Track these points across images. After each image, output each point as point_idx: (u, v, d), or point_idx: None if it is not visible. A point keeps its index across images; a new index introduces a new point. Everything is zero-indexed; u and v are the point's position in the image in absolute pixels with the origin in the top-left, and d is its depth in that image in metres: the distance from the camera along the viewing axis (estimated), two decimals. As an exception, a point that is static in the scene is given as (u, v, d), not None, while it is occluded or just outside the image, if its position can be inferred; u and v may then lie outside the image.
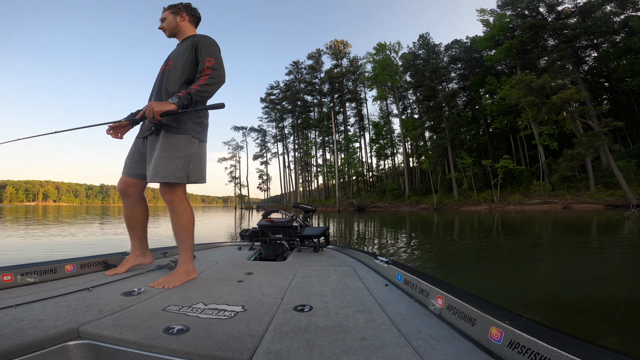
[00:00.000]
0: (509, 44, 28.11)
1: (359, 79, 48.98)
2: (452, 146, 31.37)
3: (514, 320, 0.77)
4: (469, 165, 28.34)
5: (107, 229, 9.81)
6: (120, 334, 0.90)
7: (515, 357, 0.72)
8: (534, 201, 22.12)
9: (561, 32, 27.58)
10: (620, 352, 0.58)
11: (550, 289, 3.12)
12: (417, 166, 39.19)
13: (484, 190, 27.89)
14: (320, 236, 2.59)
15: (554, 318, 2.27)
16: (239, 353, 0.80)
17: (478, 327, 0.87)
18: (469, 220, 13.81)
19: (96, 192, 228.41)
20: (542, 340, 0.66)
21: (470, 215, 17.24)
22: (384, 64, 37.00)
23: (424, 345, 0.85)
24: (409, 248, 5.95)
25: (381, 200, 37.07)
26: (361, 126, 50.49)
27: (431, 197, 31.04)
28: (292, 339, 0.90)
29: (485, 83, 31.09)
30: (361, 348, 0.83)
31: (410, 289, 1.35)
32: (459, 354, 0.80)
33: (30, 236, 7.49)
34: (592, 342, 0.63)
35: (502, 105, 28.13)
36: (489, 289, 3.16)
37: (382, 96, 40.20)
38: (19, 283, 1.45)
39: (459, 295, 1.01)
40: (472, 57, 35.11)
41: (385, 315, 1.10)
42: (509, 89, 26.00)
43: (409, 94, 42.30)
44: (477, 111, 35.29)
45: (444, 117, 32.98)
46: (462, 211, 23.43)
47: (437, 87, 34.95)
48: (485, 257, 5.07)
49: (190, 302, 1.21)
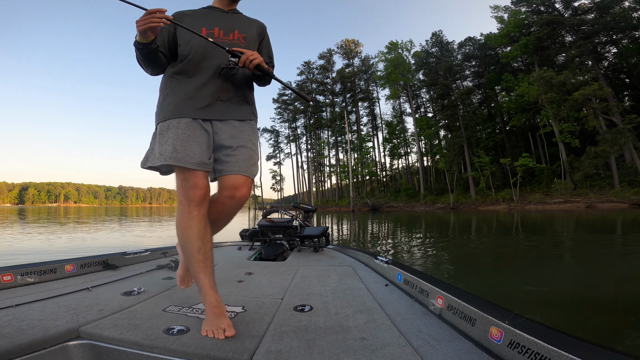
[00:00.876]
0: (526, 40, 27.61)
1: (371, 78, 48.80)
2: (469, 145, 30.97)
3: (514, 320, 0.77)
4: (487, 163, 27.93)
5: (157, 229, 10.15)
6: (120, 334, 0.90)
7: (515, 357, 0.72)
8: (555, 200, 21.65)
9: (579, 28, 26.92)
10: (621, 352, 0.58)
11: (577, 289, 3.06)
12: (432, 165, 38.81)
13: (503, 190, 27.44)
14: (320, 236, 2.58)
15: (578, 320, 2.22)
16: (239, 353, 0.80)
17: (478, 327, 0.87)
18: (487, 219, 13.66)
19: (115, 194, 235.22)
20: (542, 340, 0.67)
21: (489, 215, 17.02)
22: (396, 62, 36.82)
23: (424, 345, 0.85)
24: (426, 247, 5.91)
25: (395, 200, 36.86)
26: (374, 125, 50.32)
27: (447, 196, 30.73)
28: (292, 339, 0.90)
29: (502, 80, 30.55)
30: (361, 348, 0.84)
31: (410, 289, 1.35)
32: (459, 354, 0.80)
33: (100, 237, 7.75)
34: (592, 342, 0.63)
35: (520, 103, 27.63)
36: (511, 288, 3.08)
37: (395, 95, 39.94)
38: (19, 283, 1.45)
39: (459, 295, 1.01)
40: (486, 54, 34.57)
41: (385, 315, 1.10)
42: (527, 86, 25.53)
43: (422, 92, 41.94)
44: (493, 109, 34.73)
45: (459, 115, 32.61)
46: (480, 211, 23.16)
47: (451, 85, 34.60)
48: (507, 256, 5.02)
49: (190, 302, 1.21)
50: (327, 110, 53.84)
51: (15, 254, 4.92)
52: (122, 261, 1.97)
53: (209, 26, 1.19)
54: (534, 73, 26.01)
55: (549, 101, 23.26)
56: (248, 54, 1.08)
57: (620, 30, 25.84)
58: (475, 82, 36.64)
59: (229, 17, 1.26)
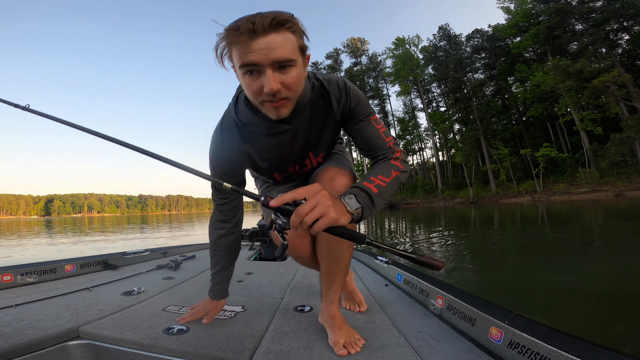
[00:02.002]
0: (536, 30, 27.30)
1: (380, 75, 48.66)
2: (485, 137, 30.69)
3: (514, 320, 0.77)
4: (506, 155, 27.64)
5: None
6: (120, 334, 0.90)
7: (515, 357, 0.72)
8: (581, 190, 21.34)
9: (589, 16, 26.34)
10: (620, 352, 0.58)
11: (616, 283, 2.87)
12: (448, 160, 38.51)
13: (524, 181, 27.11)
14: None
15: (615, 313, 2.15)
16: (239, 353, 0.79)
17: (478, 327, 0.87)
18: (511, 212, 13.51)
19: (135, 202, 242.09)
20: (542, 340, 0.67)
21: (512, 208, 16.84)
22: (404, 58, 36.75)
23: (424, 345, 0.85)
24: (455, 242, 5.73)
25: (412, 196, 36.73)
26: (386, 122, 50.23)
27: (466, 190, 30.53)
28: (292, 339, 0.89)
29: (515, 71, 30.14)
30: (361, 348, 0.83)
31: (410, 289, 1.35)
32: (459, 354, 0.80)
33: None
34: (592, 342, 0.63)
35: (537, 92, 27.20)
36: (549, 282, 2.92)
37: (406, 91, 39.82)
38: (19, 283, 1.45)
39: (459, 295, 1.01)
40: (496, 45, 34.18)
41: (385, 315, 1.09)
42: (543, 76, 25.15)
43: (433, 87, 41.64)
44: (507, 100, 34.23)
45: (474, 107, 32.30)
46: (502, 204, 22.98)
47: (462, 78, 34.28)
48: (536, 248, 4.88)
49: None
50: (337, 110, 54.02)
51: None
52: (122, 261, 1.97)
53: (281, 166, 0.95)
54: (548, 62, 25.59)
55: (566, 90, 22.86)
56: (305, 209, 0.60)
57: (631, 17, 25.16)
58: (487, 74, 36.19)
59: (291, 139, 0.86)
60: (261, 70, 0.65)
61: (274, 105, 0.69)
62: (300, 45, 0.68)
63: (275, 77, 0.65)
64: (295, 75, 0.68)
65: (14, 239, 10.50)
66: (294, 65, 0.67)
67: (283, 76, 0.66)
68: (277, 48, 0.63)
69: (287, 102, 0.70)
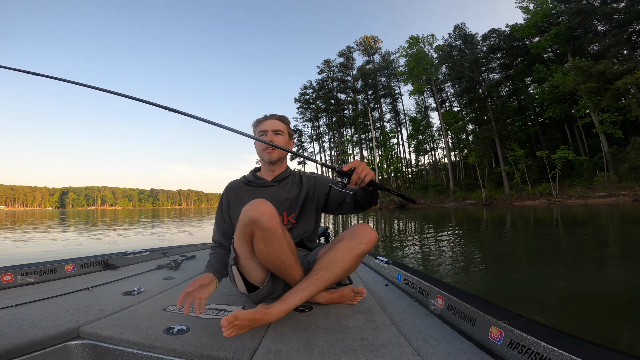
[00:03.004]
0: (556, 30, 26.69)
1: (393, 74, 48.31)
2: (500, 138, 30.24)
3: (514, 320, 0.77)
4: (521, 157, 27.22)
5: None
6: (120, 334, 0.90)
7: (516, 357, 0.72)
8: (598, 194, 20.91)
9: (611, 17, 25.64)
10: (621, 352, 0.58)
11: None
12: (460, 160, 38.13)
13: (539, 184, 26.66)
14: (320, 236, 2.59)
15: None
16: (239, 353, 0.79)
17: (478, 327, 0.87)
18: (525, 215, 13.32)
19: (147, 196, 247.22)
20: (542, 340, 0.66)
21: (526, 211, 16.59)
22: (418, 57, 36.41)
23: (424, 345, 0.85)
24: (464, 244, 5.59)
25: (423, 196, 36.50)
26: (398, 122, 49.88)
27: (478, 192, 30.22)
28: (292, 339, 0.89)
29: (534, 71, 29.60)
30: (361, 348, 0.83)
31: (410, 289, 1.36)
32: (459, 354, 0.80)
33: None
34: (592, 342, 0.62)
35: (555, 94, 26.67)
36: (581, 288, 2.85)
37: (419, 90, 39.44)
38: (19, 283, 1.46)
39: (459, 295, 1.01)
40: (513, 45, 33.54)
41: (385, 315, 1.10)
42: (562, 77, 24.65)
43: (447, 86, 41.17)
44: (524, 101, 33.65)
45: (489, 108, 31.86)
46: (516, 206, 22.65)
47: (478, 78, 33.83)
48: (552, 251, 4.75)
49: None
50: (349, 108, 53.84)
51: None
52: (122, 261, 1.98)
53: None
54: (568, 63, 25.06)
55: (587, 91, 22.37)
56: (359, 171, 1.04)
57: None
58: (503, 74, 35.63)
59: (274, 193, 1.34)
60: (266, 133, 1.36)
61: (268, 151, 1.35)
62: (288, 131, 1.42)
63: (272, 136, 1.36)
64: (282, 140, 1.38)
65: (30, 232, 10.59)
66: (282, 135, 1.38)
67: (275, 137, 1.36)
68: (275, 124, 1.38)
69: (275, 151, 1.35)
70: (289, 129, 1.41)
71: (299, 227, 1.33)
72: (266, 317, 0.95)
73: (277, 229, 1.00)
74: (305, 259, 1.25)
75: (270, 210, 1.00)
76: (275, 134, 1.36)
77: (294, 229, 1.32)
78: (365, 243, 1.08)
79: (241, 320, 0.87)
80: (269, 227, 0.99)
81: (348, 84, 53.24)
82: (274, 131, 1.35)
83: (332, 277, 1.08)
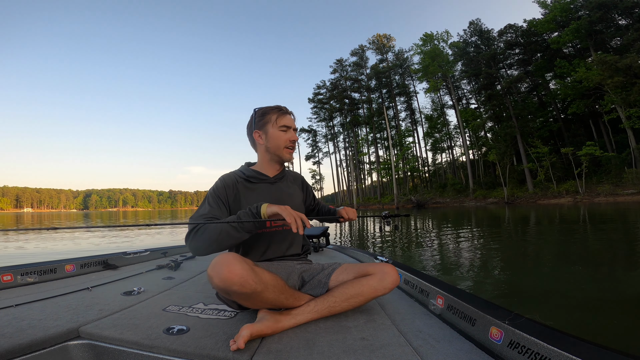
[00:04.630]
0: (576, 25, 26.05)
1: (407, 72, 47.92)
2: (522, 135, 29.68)
3: (514, 320, 0.77)
4: (545, 154, 26.59)
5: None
6: (120, 334, 0.90)
7: (516, 357, 0.72)
8: (628, 191, 20.33)
9: (632, 10, 24.89)
10: (621, 352, 0.58)
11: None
12: (480, 158, 37.58)
13: (565, 181, 26.09)
14: (320, 236, 2.58)
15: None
16: (239, 353, 0.79)
17: (478, 327, 0.87)
18: (550, 213, 12.93)
19: (166, 198, 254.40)
20: (542, 340, 0.66)
21: (551, 209, 16.19)
22: (433, 54, 36.11)
23: (424, 345, 0.85)
24: (489, 246, 5.34)
25: (442, 195, 36.14)
26: (413, 120, 49.51)
27: (499, 190, 29.79)
28: (292, 338, 0.89)
29: (555, 66, 28.93)
30: (361, 348, 0.83)
31: (410, 289, 1.36)
32: (459, 354, 0.80)
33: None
34: (592, 342, 0.62)
35: (579, 89, 26.02)
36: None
37: (435, 88, 39.03)
38: (19, 283, 1.45)
39: (459, 295, 1.01)
40: (531, 41, 32.83)
41: (385, 315, 1.09)
42: (586, 71, 24.05)
43: (463, 83, 40.62)
44: (545, 97, 32.90)
45: (510, 104, 31.33)
46: (540, 205, 22.21)
47: (496, 74, 33.32)
48: (584, 252, 4.50)
49: (190, 302, 1.21)
50: (363, 107, 53.73)
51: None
52: (122, 261, 1.97)
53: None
54: (591, 58, 24.45)
55: (614, 86, 21.78)
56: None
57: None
58: (522, 70, 34.92)
59: (275, 190, 1.29)
60: (288, 130, 1.25)
61: (291, 150, 1.29)
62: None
63: (295, 135, 1.27)
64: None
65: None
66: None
67: (296, 136, 1.29)
68: (295, 123, 1.29)
69: (293, 151, 1.31)
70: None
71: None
72: (275, 331, 0.93)
73: (254, 289, 0.88)
74: (315, 277, 1.18)
75: (240, 273, 0.85)
76: (297, 133, 1.28)
77: (291, 229, 1.21)
78: (389, 288, 1.08)
79: (253, 337, 0.86)
80: (244, 292, 0.87)
81: (362, 82, 53.12)
82: (296, 130, 1.28)
83: (349, 308, 1.08)
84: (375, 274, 1.09)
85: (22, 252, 5.55)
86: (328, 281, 1.13)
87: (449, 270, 3.63)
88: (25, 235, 8.63)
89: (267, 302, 0.95)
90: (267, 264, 1.18)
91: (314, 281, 1.17)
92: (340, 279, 1.13)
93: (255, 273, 0.89)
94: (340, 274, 1.15)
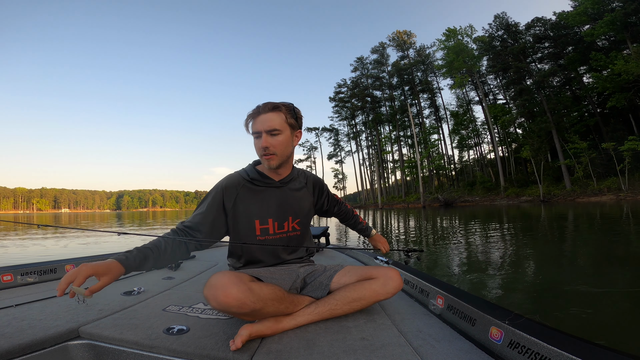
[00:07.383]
0: (611, 17, 25.04)
1: (430, 68, 47.19)
2: (558, 130, 28.83)
3: (514, 320, 0.77)
4: (584, 149, 25.69)
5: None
6: (120, 334, 0.90)
7: (516, 357, 0.72)
8: (676, 188, 19.43)
9: None
10: (621, 352, 0.58)
11: None
12: (510, 155, 36.71)
13: (605, 178, 25.15)
14: (320, 236, 2.57)
15: None
16: (239, 353, 0.80)
17: (478, 327, 0.87)
18: (590, 212, 12.21)
19: (192, 198, 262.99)
20: (542, 340, 0.67)
21: (591, 207, 15.48)
22: (457, 49, 35.60)
23: (424, 345, 0.85)
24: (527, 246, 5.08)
25: (470, 193, 35.58)
26: (438, 117, 48.77)
27: (533, 188, 29.10)
28: (292, 338, 0.90)
29: (590, 59, 27.89)
30: (361, 348, 0.83)
31: (410, 289, 1.35)
32: (459, 354, 0.80)
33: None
34: (592, 342, 0.62)
35: (617, 82, 25.02)
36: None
37: (461, 83, 38.33)
38: (19, 283, 1.45)
39: (459, 295, 1.01)
40: (561, 34, 31.79)
41: (385, 315, 1.09)
42: (624, 64, 23.10)
43: (489, 79, 39.71)
44: (578, 90, 31.73)
45: (543, 98, 30.47)
46: (579, 203, 21.60)
47: (526, 68, 32.44)
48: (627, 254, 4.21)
49: (190, 302, 1.20)
50: (385, 105, 53.34)
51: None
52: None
53: (262, 217, 1.17)
54: (628, 50, 23.41)
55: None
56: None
57: None
58: (553, 64, 33.79)
59: (280, 195, 1.21)
60: (260, 135, 1.10)
61: (266, 157, 1.11)
62: (289, 122, 1.13)
63: (267, 139, 1.08)
64: (281, 140, 1.10)
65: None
66: (280, 133, 1.10)
67: (271, 139, 1.09)
68: (268, 121, 1.08)
69: (274, 157, 1.11)
70: (289, 119, 1.13)
71: (301, 232, 1.27)
72: (275, 332, 0.94)
73: (252, 309, 0.87)
74: (317, 279, 1.17)
75: (236, 296, 0.83)
76: (271, 135, 1.10)
77: (295, 235, 1.24)
78: (392, 293, 1.08)
79: (252, 338, 0.87)
80: (242, 312, 0.86)
81: (383, 80, 52.64)
82: (269, 132, 1.09)
83: (350, 311, 1.07)
84: (378, 278, 1.09)
85: (22, 252, 5.56)
86: (329, 283, 1.13)
87: (481, 270, 3.44)
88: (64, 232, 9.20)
89: (267, 315, 0.94)
90: (271, 270, 1.17)
91: (315, 283, 1.16)
92: (342, 282, 1.13)
93: (252, 292, 0.86)
94: (342, 277, 1.14)
